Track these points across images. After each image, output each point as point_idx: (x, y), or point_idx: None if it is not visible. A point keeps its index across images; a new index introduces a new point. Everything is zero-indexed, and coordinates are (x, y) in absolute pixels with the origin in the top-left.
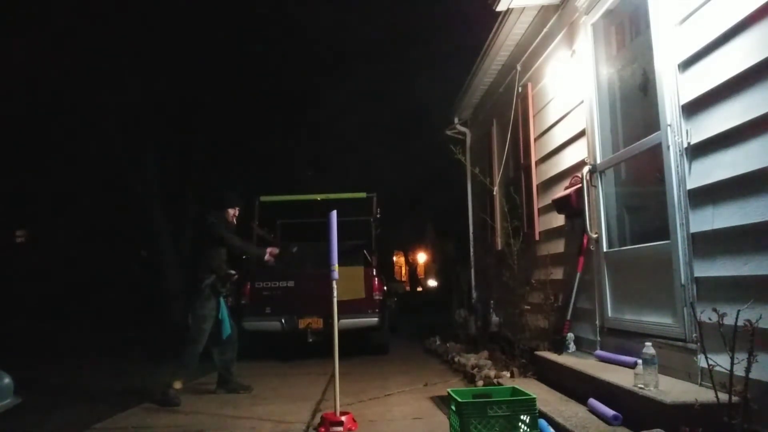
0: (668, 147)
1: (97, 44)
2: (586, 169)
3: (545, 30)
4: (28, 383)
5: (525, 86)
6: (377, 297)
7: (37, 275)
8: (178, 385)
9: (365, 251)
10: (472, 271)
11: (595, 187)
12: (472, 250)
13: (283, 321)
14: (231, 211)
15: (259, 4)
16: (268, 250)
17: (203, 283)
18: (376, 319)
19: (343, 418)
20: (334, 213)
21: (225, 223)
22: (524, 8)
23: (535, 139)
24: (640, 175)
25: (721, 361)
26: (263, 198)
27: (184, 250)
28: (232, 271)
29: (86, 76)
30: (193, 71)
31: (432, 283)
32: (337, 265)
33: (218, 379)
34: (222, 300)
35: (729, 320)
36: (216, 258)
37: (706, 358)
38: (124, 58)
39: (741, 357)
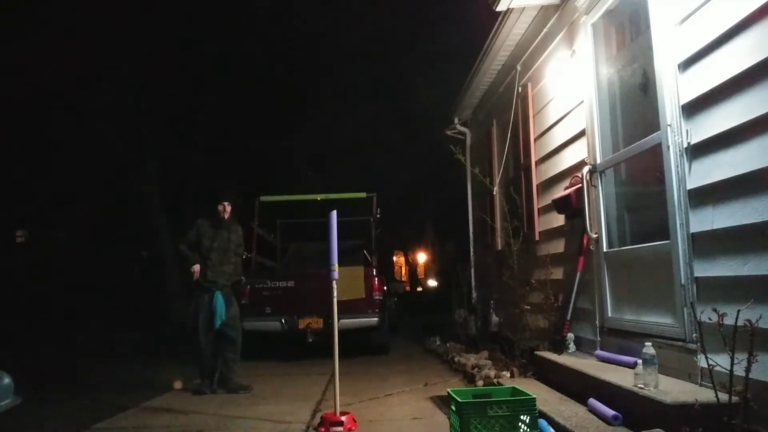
0: (668, 147)
1: (97, 44)
2: (586, 169)
3: (545, 30)
4: (28, 383)
5: (525, 86)
6: (377, 297)
7: (36, 275)
8: (177, 385)
9: (365, 251)
10: (472, 271)
11: (595, 187)
12: (472, 250)
13: (283, 321)
14: (219, 208)
15: (259, 4)
16: (194, 267)
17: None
18: (376, 319)
19: (343, 418)
20: (334, 213)
21: (217, 219)
22: (524, 8)
23: (535, 139)
24: (640, 175)
25: (721, 361)
26: (263, 198)
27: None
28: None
29: (87, 76)
30: (194, 71)
31: (432, 283)
32: (337, 265)
33: (218, 379)
34: (218, 293)
35: (729, 320)
36: (203, 255)
37: (706, 358)
38: (124, 57)
39: (741, 357)
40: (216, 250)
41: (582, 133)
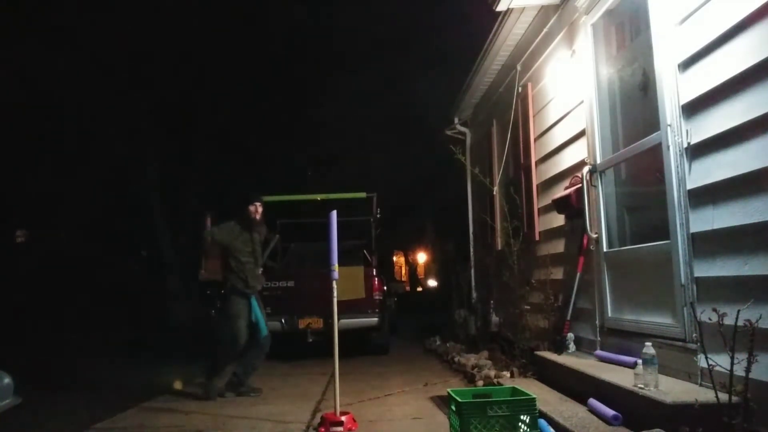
0: (668, 147)
1: (97, 45)
2: (586, 169)
3: (545, 30)
4: (28, 383)
5: (525, 86)
6: (377, 297)
7: (36, 275)
8: (177, 385)
9: (365, 251)
10: (472, 271)
11: (595, 187)
12: (472, 250)
13: (283, 321)
14: (251, 208)
15: (259, 4)
16: (202, 271)
17: (226, 285)
18: (376, 319)
19: (343, 418)
20: (334, 213)
21: (249, 221)
22: (524, 8)
23: (535, 139)
24: (640, 175)
25: (721, 361)
26: (263, 198)
27: (184, 251)
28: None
29: (87, 77)
30: (194, 71)
31: (432, 283)
32: (337, 265)
33: (229, 380)
34: (254, 300)
35: (729, 320)
36: (232, 261)
37: (706, 358)
38: (125, 58)
39: (741, 357)
40: (252, 254)
41: (582, 133)
